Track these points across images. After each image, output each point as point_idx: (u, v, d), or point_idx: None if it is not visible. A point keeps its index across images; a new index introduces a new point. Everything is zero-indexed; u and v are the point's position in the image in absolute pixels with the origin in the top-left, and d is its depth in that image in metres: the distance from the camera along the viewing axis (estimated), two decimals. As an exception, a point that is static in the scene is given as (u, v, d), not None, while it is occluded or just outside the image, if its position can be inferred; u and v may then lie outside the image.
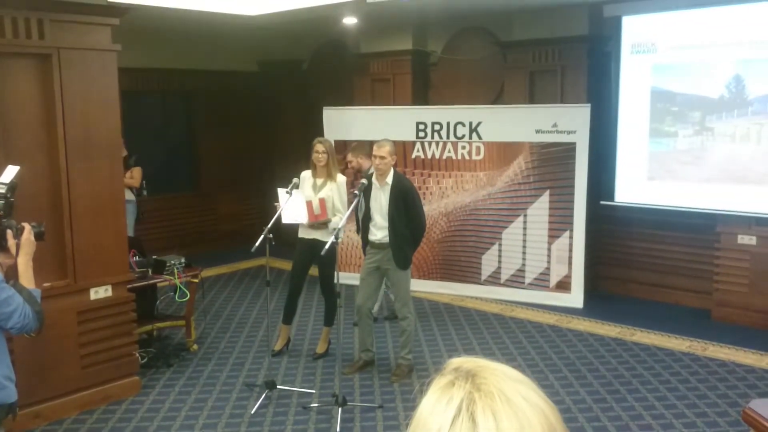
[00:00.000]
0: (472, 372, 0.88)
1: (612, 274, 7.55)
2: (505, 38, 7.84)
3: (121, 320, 4.99)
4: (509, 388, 0.86)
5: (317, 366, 5.63)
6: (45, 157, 4.54)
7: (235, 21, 7.24)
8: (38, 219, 3.70)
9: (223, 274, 8.62)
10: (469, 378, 0.87)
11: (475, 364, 0.90)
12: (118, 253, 4.93)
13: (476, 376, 0.88)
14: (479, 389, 0.85)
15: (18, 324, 2.76)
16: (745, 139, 6.34)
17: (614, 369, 5.48)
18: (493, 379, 0.87)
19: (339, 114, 7.95)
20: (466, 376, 0.88)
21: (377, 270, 5.35)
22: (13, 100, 4.37)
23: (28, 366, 4.40)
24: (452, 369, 0.90)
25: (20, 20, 4.31)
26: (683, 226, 6.97)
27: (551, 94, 7.47)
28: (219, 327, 6.63)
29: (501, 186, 7.31)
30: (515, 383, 0.87)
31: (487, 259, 7.44)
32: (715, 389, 5.07)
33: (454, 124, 7.40)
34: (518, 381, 0.88)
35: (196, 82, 9.35)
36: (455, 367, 0.90)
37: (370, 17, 7.41)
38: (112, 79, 4.79)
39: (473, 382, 0.86)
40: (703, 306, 6.83)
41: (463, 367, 0.89)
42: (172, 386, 5.23)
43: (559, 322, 6.67)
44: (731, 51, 6.33)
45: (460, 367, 0.89)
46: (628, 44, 6.94)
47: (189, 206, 9.66)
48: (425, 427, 0.85)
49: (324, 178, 5.61)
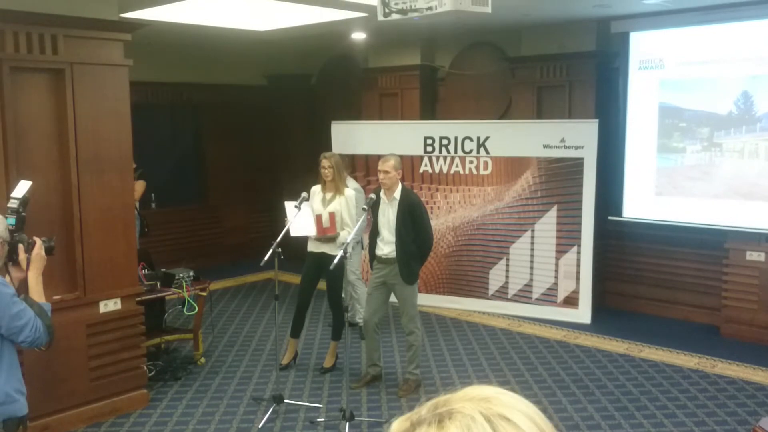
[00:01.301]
0: (487, 398, 0.87)
1: (620, 290, 7.52)
2: (513, 53, 7.88)
3: (130, 333, 5.01)
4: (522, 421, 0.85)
5: (324, 380, 5.63)
6: (57, 171, 4.57)
7: (244, 36, 7.30)
8: (49, 232, 3.73)
9: (230, 287, 8.63)
10: (483, 401, 0.86)
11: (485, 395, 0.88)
12: (127, 266, 4.96)
13: (490, 401, 0.86)
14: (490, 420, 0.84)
15: (29, 338, 2.78)
16: (754, 156, 6.33)
17: (622, 385, 5.45)
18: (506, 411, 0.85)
19: (347, 128, 7.99)
20: (479, 401, 0.87)
21: (384, 285, 5.35)
22: (26, 114, 4.42)
23: (38, 378, 4.42)
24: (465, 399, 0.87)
25: (34, 35, 4.37)
26: (691, 241, 6.95)
27: (559, 110, 7.49)
28: (227, 340, 6.64)
29: (509, 201, 7.32)
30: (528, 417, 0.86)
31: (495, 273, 7.43)
32: (724, 407, 5.04)
33: (461, 138, 7.43)
34: (527, 414, 0.86)
35: (205, 96, 9.42)
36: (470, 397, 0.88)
37: (379, 32, 7.46)
38: (123, 93, 4.84)
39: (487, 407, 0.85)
40: (712, 322, 6.80)
41: (476, 395, 0.88)
42: (179, 399, 5.24)
43: (566, 337, 6.65)
44: (739, 67, 6.34)
45: (473, 396, 0.88)
46: (636, 60, 6.96)
47: (197, 219, 9.69)
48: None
49: (333, 192, 5.64)
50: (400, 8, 2.65)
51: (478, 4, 2.65)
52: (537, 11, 6.47)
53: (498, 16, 6.70)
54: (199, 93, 9.35)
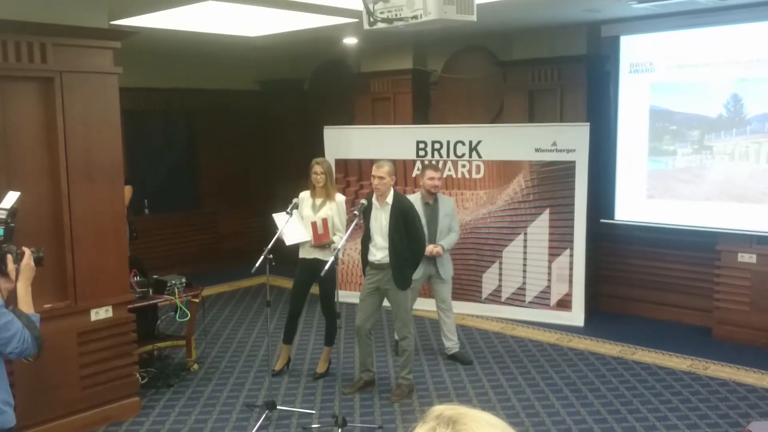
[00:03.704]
0: (453, 419, 0.89)
1: (612, 293, 7.54)
2: (505, 57, 7.90)
3: (122, 341, 5.00)
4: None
5: (317, 386, 5.63)
6: (46, 180, 4.57)
7: (235, 42, 7.30)
8: (39, 241, 3.73)
9: (223, 293, 8.62)
10: (450, 424, 0.89)
11: (456, 412, 0.91)
12: (118, 273, 4.95)
13: (457, 422, 0.89)
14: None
15: (17, 349, 2.78)
16: (744, 158, 6.36)
17: (615, 388, 5.46)
18: (473, 425, 0.88)
19: (339, 133, 8.00)
20: (447, 422, 0.89)
21: (377, 291, 5.36)
22: (15, 123, 4.42)
23: (29, 387, 4.41)
24: (434, 416, 0.91)
25: (23, 44, 4.37)
26: (683, 244, 6.98)
27: (550, 113, 7.51)
28: (219, 347, 6.63)
29: (501, 204, 7.33)
30: (493, 428, 0.88)
31: (488, 277, 7.44)
32: (716, 409, 5.05)
33: (454, 142, 7.44)
34: (495, 425, 0.89)
35: (198, 101, 9.42)
36: (437, 414, 0.92)
37: (371, 37, 7.47)
38: (113, 101, 4.84)
39: (454, 428, 0.87)
40: (704, 324, 6.82)
41: (444, 414, 0.91)
42: (172, 407, 5.23)
43: (559, 340, 6.66)
44: (729, 70, 6.37)
45: (441, 414, 0.91)
46: (627, 63, 6.99)
47: (190, 225, 9.69)
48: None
49: (323, 198, 5.65)
50: (386, 17, 2.66)
51: (464, 13, 2.66)
52: (527, 16, 6.49)
53: (489, 21, 6.73)
54: (192, 98, 9.35)
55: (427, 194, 6.03)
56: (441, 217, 6.05)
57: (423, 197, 6.03)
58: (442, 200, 6.16)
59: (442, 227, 6.05)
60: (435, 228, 6.01)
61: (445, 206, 6.13)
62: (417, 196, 6.09)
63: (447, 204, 6.18)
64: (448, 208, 6.14)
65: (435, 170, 6.14)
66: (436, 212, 6.05)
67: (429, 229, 5.88)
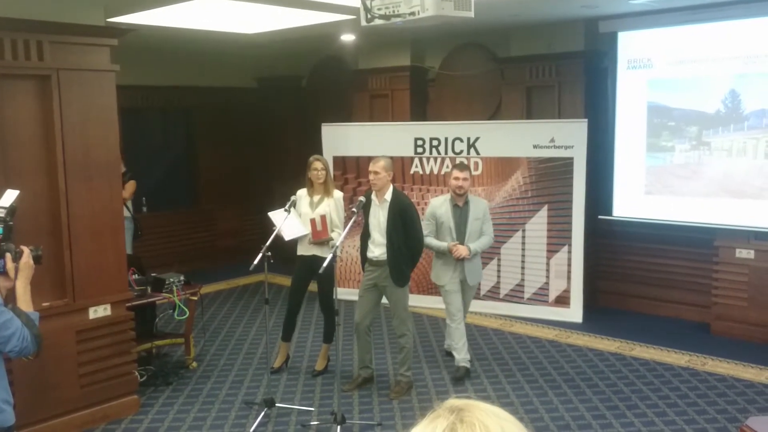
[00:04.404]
0: (459, 407, 0.93)
1: (611, 289, 7.55)
2: (503, 54, 7.90)
3: (120, 339, 5.00)
4: (492, 422, 0.89)
5: (316, 383, 5.63)
6: (44, 178, 4.56)
7: (233, 39, 7.29)
8: (37, 239, 3.73)
9: (222, 290, 8.62)
10: (455, 411, 0.92)
11: (465, 403, 0.95)
12: (117, 272, 4.95)
13: (462, 410, 0.92)
14: (462, 420, 0.90)
15: (16, 347, 2.77)
16: (742, 154, 6.37)
17: (613, 384, 5.47)
18: (477, 413, 0.91)
19: (337, 130, 7.99)
20: (452, 409, 0.92)
21: (375, 287, 5.36)
22: (12, 121, 4.41)
23: (27, 386, 4.41)
24: (446, 407, 0.95)
25: (20, 42, 4.35)
26: (681, 240, 6.98)
27: (548, 110, 7.51)
28: (218, 344, 6.63)
29: (499, 201, 7.33)
30: (500, 419, 0.90)
31: (486, 273, 7.44)
32: (714, 404, 5.06)
33: (452, 139, 7.44)
34: (504, 418, 0.91)
35: (196, 99, 9.40)
36: (448, 406, 0.95)
37: (368, 34, 7.46)
38: (110, 99, 4.83)
39: (458, 415, 0.90)
40: (703, 320, 6.83)
41: (454, 404, 0.95)
42: (171, 405, 5.23)
43: (558, 337, 6.67)
44: (727, 66, 6.37)
45: (452, 405, 0.94)
46: (624, 60, 6.99)
47: (189, 222, 9.68)
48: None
49: (321, 194, 5.65)
50: (383, 13, 2.66)
51: (461, 9, 2.66)
52: (525, 12, 6.49)
53: (486, 17, 6.72)
54: (190, 96, 9.33)
55: (455, 195, 5.61)
56: (471, 221, 5.61)
57: (452, 198, 5.65)
58: (473, 202, 5.72)
59: (471, 231, 5.61)
60: (464, 232, 5.60)
61: (477, 209, 5.68)
62: (446, 197, 5.72)
63: (479, 207, 5.73)
64: (479, 211, 5.68)
65: (460, 169, 5.63)
66: (466, 215, 5.62)
67: (457, 233, 5.59)
